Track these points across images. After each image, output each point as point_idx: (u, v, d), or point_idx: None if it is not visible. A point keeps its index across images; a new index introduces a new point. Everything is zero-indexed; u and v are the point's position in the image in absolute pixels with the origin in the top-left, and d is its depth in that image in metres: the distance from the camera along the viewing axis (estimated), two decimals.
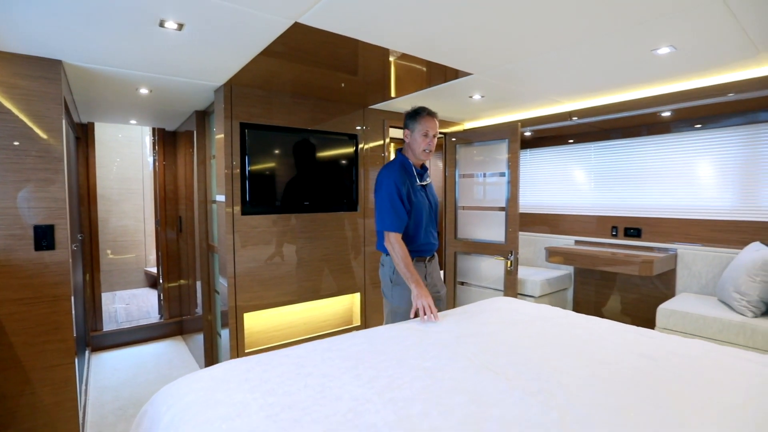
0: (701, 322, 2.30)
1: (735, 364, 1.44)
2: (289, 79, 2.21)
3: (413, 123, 1.98)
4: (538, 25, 1.52)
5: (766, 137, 2.62)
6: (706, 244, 2.84)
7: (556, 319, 1.98)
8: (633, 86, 2.37)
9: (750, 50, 1.77)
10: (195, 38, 1.61)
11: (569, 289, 3.58)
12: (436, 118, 2.00)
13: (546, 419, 1.10)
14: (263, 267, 2.43)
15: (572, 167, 3.71)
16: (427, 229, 2.08)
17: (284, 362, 1.46)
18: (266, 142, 2.43)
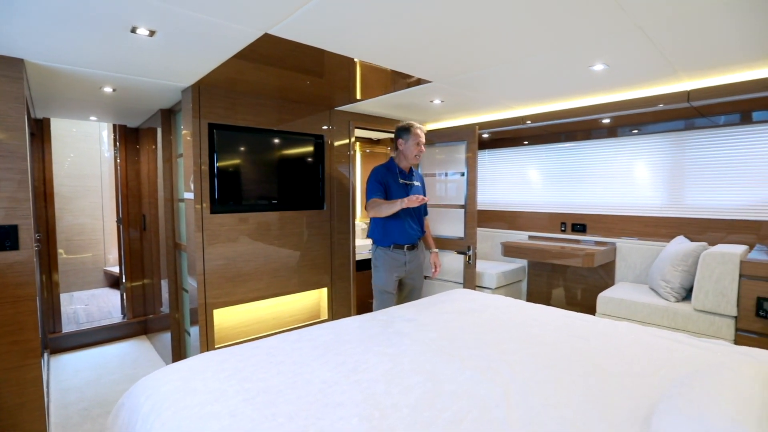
0: (633, 308, 2.58)
1: (651, 341, 1.68)
2: (257, 81, 2.27)
3: (407, 134, 2.49)
4: (490, 42, 1.69)
5: (688, 144, 2.95)
6: (640, 237, 3.16)
7: (506, 307, 2.19)
8: (576, 96, 2.61)
9: (668, 69, 2.03)
10: (166, 44, 1.66)
11: (523, 281, 3.84)
12: (423, 130, 2.53)
13: (492, 393, 1.27)
14: (232, 264, 2.49)
15: (526, 167, 3.97)
16: (405, 221, 2.48)
17: (257, 353, 1.56)
18: (234, 142, 2.49)
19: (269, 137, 2.65)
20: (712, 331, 2.29)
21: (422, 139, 2.51)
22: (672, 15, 1.43)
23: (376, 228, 2.57)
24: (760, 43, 1.71)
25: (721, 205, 2.82)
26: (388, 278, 2.53)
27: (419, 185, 2.67)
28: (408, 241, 2.54)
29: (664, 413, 0.96)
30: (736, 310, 2.22)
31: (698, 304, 2.33)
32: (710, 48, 1.76)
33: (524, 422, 1.11)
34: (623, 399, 1.23)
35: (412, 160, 2.54)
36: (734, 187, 2.77)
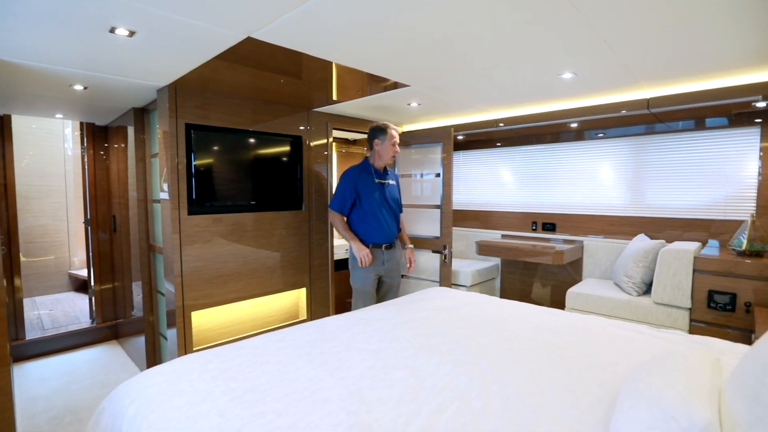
0: (599, 302, 2.74)
1: (615, 333, 1.81)
2: (235, 81, 2.26)
3: (383, 135, 2.55)
4: (465, 50, 1.76)
5: (648, 148, 3.15)
6: (605, 236, 3.34)
7: (481, 304, 2.28)
8: (546, 101, 2.74)
9: (630, 78, 2.17)
10: (146, 44, 1.64)
11: (497, 278, 3.98)
12: (398, 131, 2.62)
13: (471, 385, 1.34)
14: (210, 266, 2.47)
15: (499, 168, 4.11)
16: (382, 220, 2.54)
17: (242, 353, 1.57)
18: (212, 142, 2.47)
19: (247, 138, 2.64)
20: (669, 322, 2.47)
21: (397, 140, 2.60)
22: (634, 31, 1.55)
23: (353, 226, 2.61)
24: (712, 56, 1.86)
25: (677, 205, 3.03)
26: (366, 277, 2.58)
27: (394, 183, 2.73)
28: (386, 240, 2.60)
29: (626, 396, 1.05)
30: (690, 302, 2.40)
31: (657, 297, 2.50)
32: (668, 60, 1.90)
33: (502, 411, 1.18)
34: (591, 386, 1.33)
35: (388, 160, 2.62)
36: (689, 188, 2.98)
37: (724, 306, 2.28)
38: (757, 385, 0.90)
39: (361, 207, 2.55)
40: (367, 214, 2.54)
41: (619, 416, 1.02)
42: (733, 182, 2.78)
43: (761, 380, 0.90)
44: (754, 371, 0.95)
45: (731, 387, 1.00)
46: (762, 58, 1.91)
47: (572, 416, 1.16)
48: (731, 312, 2.27)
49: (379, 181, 2.60)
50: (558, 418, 1.14)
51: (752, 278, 2.23)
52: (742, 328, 2.25)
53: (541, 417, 1.15)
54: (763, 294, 2.19)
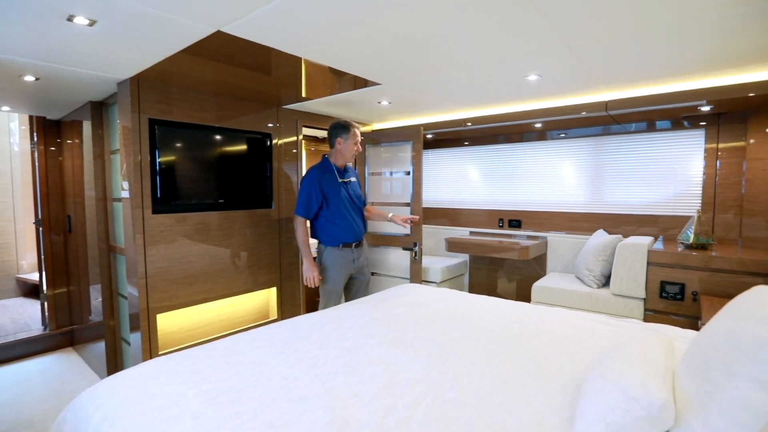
0: (563, 295, 2.87)
1: (578, 323, 1.90)
2: (202, 76, 2.20)
3: (346, 133, 2.49)
4: (437, 51, 1.80)
5: (606, 147, 3.32)
6: (567, 231, 3.50)
7: (451, 299, 2.33)
8: (512, 102, 2.84)
9: (591, 81, 2.28)
10: (107, 35, 1.56)
11: (465, 274, 4.07)
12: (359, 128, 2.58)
13: (445, 377, 1.38)
14: (177, 266, 2.39)
15: (467, 167, 4.20)
16: (350, 219, 2.52)
17: (213, 354, 1.54)
18: (178, 138, 2.38)
19: (214, 134, 2.57)
20: (626, 312, 2.62)
21: (359, 138, 2.56)
22: (595, 37, 1.63)
23: (322, 228, 2.54)
24: (665, 63, 1.99)
25: (632, 201, 3.21)
26: (338, 277, 2.55)
27: (355, 180, 2.69)
28: (355, 239, 2.59)
29: (591, 381, 1.12)
30: (644, 292, 2.56)
31: (615, 289, 2.65)
32: (625, 65, 2.02)
33: (476, 401, 1.22)
34: (558, 374, 1.40)
35: (350, 159, 2.58)
36: (642, 186, 3.17)
37: (674, 295, 2.45)
38: (705, 365, 0.98)
39: (328, 209, 2.49)
40: (335, 215, 2.49)
41: (586, 400, 1.08)
42: (681, 180, 2.99)
43: (708, 361, 0.98)
44: (702, 353, 1.03)
45: (683, 368, 1.08)
46: (707, 66, 2.07)
47: (542, 403, 1.21)
48: (680, 301, 2.45)
49: (342, 180, 2.55)
50: (529, 405, 1.20)
51: (698, 269, 2.41)
52: (690, 315, 2.43)
53: (513, 404, 1.20)
54: (708, 283, 2.38)
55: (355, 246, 2.58)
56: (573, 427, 1.09)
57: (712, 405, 0.91)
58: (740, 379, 0.88)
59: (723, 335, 0.98)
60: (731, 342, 0.94)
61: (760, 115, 2.64)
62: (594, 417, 1.02)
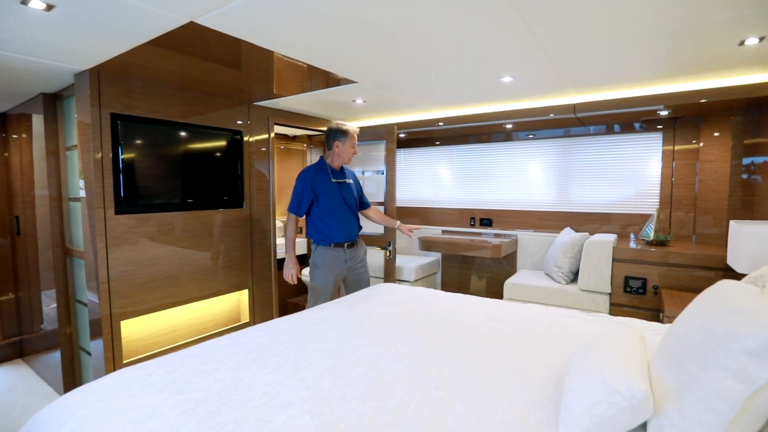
0: (534, 291, 2.95)
1: (553, 319, 1.96)
2: (170, 69, 2.09)
3: (344, 137, 2.53)
4: (414, 50, 1.80)
5: (572, 148, 3.45)
6: (536, 230, 3.61)
7: (429, 297, 2.34)
8: (485, 102, 2.89)
9: (562, 84, 2.36)
10: (66, 21, 1.45)
11: (438, 272, 4.12)
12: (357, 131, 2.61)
13: (429, 376, 1.38)
14: (142, 269, 2.26)
15: (439, 166, 4.25)
16: (341, 220, 2.52)
17: (187, 362, 1.46)
18: (143, 135, 2.25)
19: (182, 131, 2.45)
20: (593, 307, 2.74)
21: (356, 141, 2.60)
22: (569, 41, 1.68)
23: (314, 227, 2.55)
24: (629, 69, 2.09)
25: (596, 200, 3.36)
26: (327, 277, 2.53)
27: (352, 182, 2.69)
28: (348, 239, 2.56)
29: (573, 375, 1.15)
30: (610, 287, 2.68)
31: (583, 284, 2.76)
32: (594, 70, 2.10)
33: (462, 399, 1.23)
34: (537, 369, 1.43)
35: (347, 161, 2.61)
36: (606, 185, 3.32)
37: (637, 290, 2.58)
38: (681, 357, 1.03)
39: (318, 207, 2.52)
40: (326, 214, 2.51)
41: (569, 394, 1.11)
42: (641, 180, 3.15)
43: (684, 353, 1.03)
44: (676, 346, 1.08)
45: (658, 360, 1.14)
46: (664, 73, 2.19)
47: (525, 399, 1.24)
48: (643, 295, 2.58)
49: (336, 181, 2.56)
50: (513, 401, 1.22)
51: (658, 264, 2.55)
52: (651, 308, 2.57)
53: (498, 401, 1.22)
54: (668, 278, 2.52)
55: (347, 246, 2.56)
56: (558, 421, 1.12)
57: (689, 394, 0.96)
58: (715, 369, 0.92)
59: (696, 328, 1.04)
60: (705, 334, 0.99)
61: (711, 120, 2.82)
62: (578, 410, 1.05)
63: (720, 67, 2.11)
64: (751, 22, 1.55)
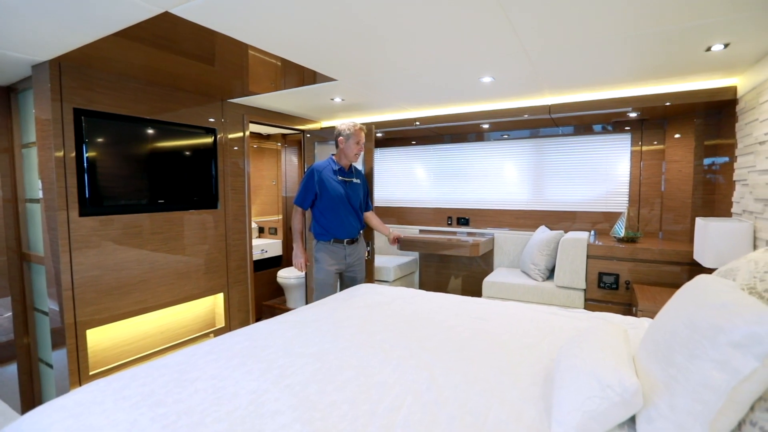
0: (512, 289, 3.00)
1: (534, 316, 1.99)
2: (139, 62, 1.97)
3: (348, 134, 2.55)
4: (396, 48, 1.78)
5: (546, 148, 3.54)
6: (512, 228, 3.68)
7: (410, 297, 2.33)
8: (464, 102, 2.91)
9: (539, 85, 2.41)
10: (24, 7, 1.33)
11: (416, 272, 4.12)
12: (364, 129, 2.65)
13: (419, 378, 1.36)
14: (110, 274, 2.13)
15: (414, 166, 4.26)
16: (343, 216, 2.56)
17: (164, 372, 1.38)
18: (109, 132, 2.12)
19: (153, 128, 2.33)
20: (569, 302, 2.81)
21: (362, 139, 2.62)
22: (551, 43, 1.71)
23: (315, 223, 2.60)
24: (602, 72, 2.15)
25: (568, 199, 3.46)
26: (328, 272, 2.58)
27: (359, 182, 2.72)
28: (348, 236, 2.61)
29: (563, 371, 1.16)
30: (584, 283, 2.76)
31: (559, 281, 2.83)
32: (570, 72, 2.15)
33: (454, 399, 1.22)
34: (524, 366, 1.44)
35: (352, 158, 2.63)
36: (578, 185, 3.42)
37: (610, 285, 2.67)
38: (668, 350, 1.06)
39: (321, 202, 2.56)
40: (327, 210, 2.55)
41: (561, 391, 1.12)
42: (612, 180, 3.27)
43: (670, 347, 1.06)
44: (662, 339, 1.11)
45: (643, 353, 1.17)
46: (637, 77, 2.27)
47: (516, 396, 1.24)
48: (615, 290, 2.67)
49: (342, 179, 2.59)
50: (504, 399, 1.22)
51: (629, 260, 2.65)
52: (624, 303, 2.66)
53: (489, 400, 1.21)
54: (639, 273, 2.62)
55: (347, 243, 2.62)
56: (550, 417, 1.13)
57: (677, 386, 0.98)
58: (702, 361, 0.95)
59: (682, 322, 1.07)
60: (690, 328, 1.02)
61: (675, 123, 2.96)
62: (571, 406, 1.06)
63: (687, 72, 2.21)
64: (718, 29, 1.62)
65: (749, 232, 1.98)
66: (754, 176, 2.03)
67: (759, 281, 1.31)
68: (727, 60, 2.00)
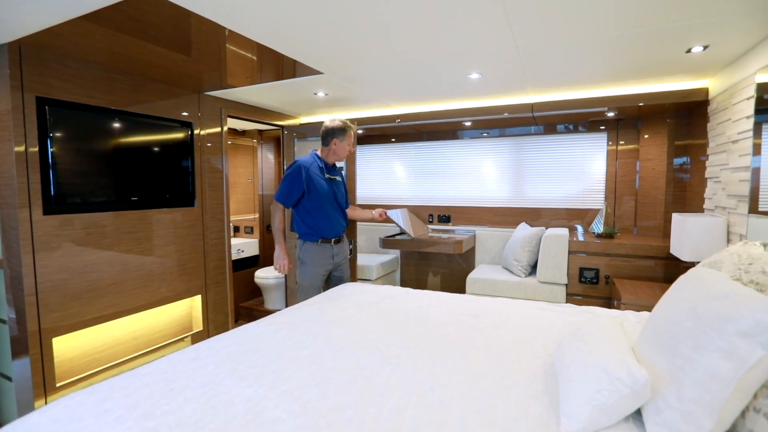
0: (495, 285, 3.03)
1: (524, 311, 2.00)
2: (110, 49, 1.83)
3: (342, 135, 2.48)
4: (386, 41, 1.74)
5: (526, 146, 3.59)
6: (493, 225, 3.72)
7: (398, 296, 2.30)
8: (448, 99, 2.91)
9: (524, 83, 2.43)
10: None
11: (397, 270, 4.10)
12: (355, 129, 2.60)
13: (421, 378, 1.32)
14: (79, 277, 1.97)
15: (396, 163, 4.23)
16: (331, 215, 2.50)
17: (148, 381, 1.28)
18: (77, 123, 1.96)
19: (126, 120, 2.18)
20: (552, 297, 2.86)
21: (354, 140, 2.59)
22: (541, 42, 1.72)
23: (301, 223, 2.48)
24: (584, 72, 2.20)
25: (547, 196, 3.53)
26: (315, 273, 2.49)
27: (341, 181, 2.66)
28: (335, 235, 2.54)
29: (569, 366, 1.16)
30: (566, 278, 2.82)
31: (542, 277, 2.87)
32: (555, 71, 2.18)
33: (460, 399, 1.19)
34: (523, 362, 1.44)
35: (342, 158, 2.58)
36: (556, 182, 3.49)
37: (591, 279, 2.74)
38: (671, 341, 1.08)
39: (309, 201, 2.44)
40: (316, 209, 2.45)
41: (568, 385, 1.11)
42: (589, 177, 3.36)
43: (674, 338, 1.07)
44: (665, 331, 1.13)
45: (644, 345, 1.18)
46: (617, 77, 2.33)
47: (520, 392, 1.23)
48: (596, 284, 2.75)
49: (328, 176, 2.52)
50: (509, 397, 1.20)
51: (608, 255, 2.73)
52: (604, 297, 2.74)
53: (494, 398, 1.20)
54: (618, 268, 2.70)
55: (334, 242, 2.54)
56: (558, 412, 1.12)
57: (684, 376, 1.00)
58: (708, 351, 0.97)
59: (685, 313, 1.08)
60: (694, 319, 1.04)
61: (648, 123, 3.08)
62: (580, 400, 1.06)
63: (664, 73, 2.29)
64: (699, 31, 1.68)
65: (724, 227, 2.07)
66: (727, 173, 2.13)
67: (744, 273, 1.36)
68: (702, 63, 2.08)
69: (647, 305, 2.18)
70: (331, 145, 2.49)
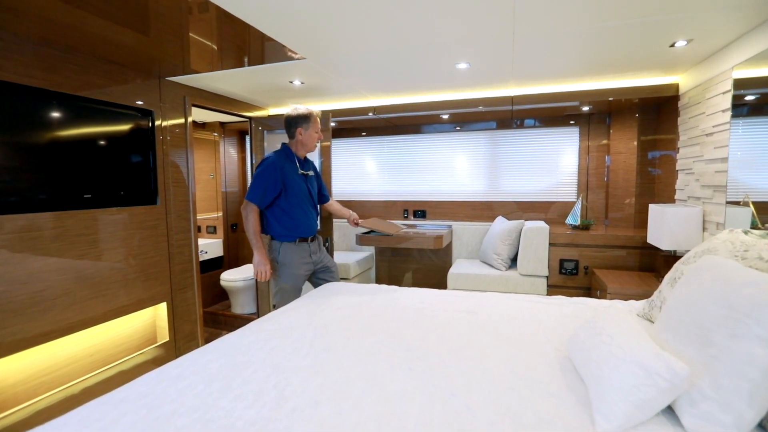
0: (477, 279, 3.01)
1: (517, 305, 1.97)
2: (55, 19, 1.57)
3: (306, 122, 2.27)
4: (375, 24, 1.63)
5: (501, 141, 3.61)
6: (470, 220, 3.70)
7: (387, 294, 2.20)
8: (429, 91, 2.83)
9: (506, 74, 2.40)
10: None
11: (373, 267, 3.99)
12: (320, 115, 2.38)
13: (438, 383, 1.23)
14: (21, 289, 1.68)
15: (368, 157, 4.11)
16: (308, 213, 2.33)
17: (126, 409, 1.09)
18: (13, 108, 1.67)
19: (74, 106, 1.90)
20: (533, 290, 2.88)
21: (320, 127, 2.38)
22: (537, 30, 1.67)
23: (276, 224, 2.27)
24: (562, 65, 2.20)
25: (522, 190, 3.56)
26: (297, 275, 2.31)
27: (313, 175, 2.47)
28: (311, 233, 2.39)
29: (600, 361, 1.11)
30: (547, 270, 2.85)
31: (523, 269, 2.88)
32: (538, 63, 2.16)
33: (486, 403, 1.11)
34: (533, 358, 1.38)
35: (312, 148, 2.38)
36: (530, 176, 3.53)
37: (571, 271, 2.79)
38: (701, 330, 1.05)
39: (286, 199, 2.25)
40: (293, 207, 2.27)
41: (601, 382, 1.06)
42: (563, 171, 3.43)
43: (703, 326, 1.05)
44: (690, 320, 1.11)
45: (670, 335, 1.16)
46: (593, 71, 2.37)
47: (543, 391, 1.17)
48: (575, 275, 2.79)
49: (302, 173, 2.34)
50: (533, 397, 1.14)
51: (586, 246, 2.79)
52: (583, 287, 2.79)
53: (520, 399, 1.13)
54: (596, 258, 2.76)
55: (311, 240, 2.38)
56: (590, 409, 1.07)
57: (719, 366, 0.97)
58: (745, 339, 0.95)
59: (712, 302, 1.07)
60: (726, 307, 1.02)
61: (618, 117, 3.18)
62: (616, 397, 1.01)
63: (642, 68, 2.34)
64: (684, 25, 1.71)
65: (700, 216, 2.16)
66: (701, 165, 2.22)
67: (741, 259, 1.39)
68: (675, 58, 2.14)
69: (633, 294, 2.23)
70: (297, 136, 2.29)
